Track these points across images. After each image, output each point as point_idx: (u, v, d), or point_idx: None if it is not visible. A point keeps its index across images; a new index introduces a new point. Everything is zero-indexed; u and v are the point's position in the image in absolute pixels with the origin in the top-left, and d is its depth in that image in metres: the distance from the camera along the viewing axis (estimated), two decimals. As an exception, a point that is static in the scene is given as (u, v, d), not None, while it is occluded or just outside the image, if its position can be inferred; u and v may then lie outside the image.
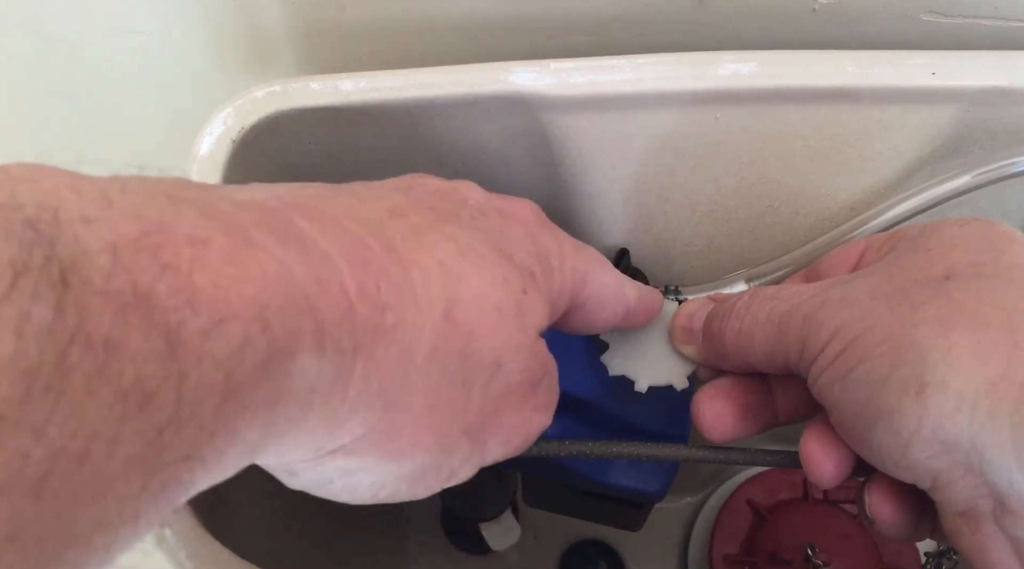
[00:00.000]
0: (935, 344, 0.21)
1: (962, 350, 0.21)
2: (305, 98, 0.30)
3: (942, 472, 0.21)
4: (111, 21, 0.39)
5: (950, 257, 0.23)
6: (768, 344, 0.25)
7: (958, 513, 0.22)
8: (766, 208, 0.35)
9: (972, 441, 0.20)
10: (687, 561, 0.61)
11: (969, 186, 0.32)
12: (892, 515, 0.24)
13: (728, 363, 0.27)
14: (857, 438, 0.23)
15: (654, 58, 0.30)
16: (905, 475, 0.22)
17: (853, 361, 0.22)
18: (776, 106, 0.31)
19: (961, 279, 0.22)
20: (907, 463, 0.22)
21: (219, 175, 0.29)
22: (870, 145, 0.33)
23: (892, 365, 0.21)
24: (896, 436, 0.21)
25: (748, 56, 0.30)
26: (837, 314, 0.23)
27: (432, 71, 0.30)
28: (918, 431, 0.21)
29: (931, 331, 0.21)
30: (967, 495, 0.21)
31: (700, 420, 0.27)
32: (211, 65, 0.40)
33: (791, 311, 0.24)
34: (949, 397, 0.20)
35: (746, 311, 0.26)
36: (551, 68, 0.30)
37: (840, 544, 0.53)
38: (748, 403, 0.27)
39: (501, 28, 0.36)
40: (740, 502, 0.58)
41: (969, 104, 0.31)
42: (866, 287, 0.24)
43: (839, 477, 0.25)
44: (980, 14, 0.34)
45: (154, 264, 0.14)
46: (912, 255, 0.24)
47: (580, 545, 0.62)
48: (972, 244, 0.23)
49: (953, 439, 0.20)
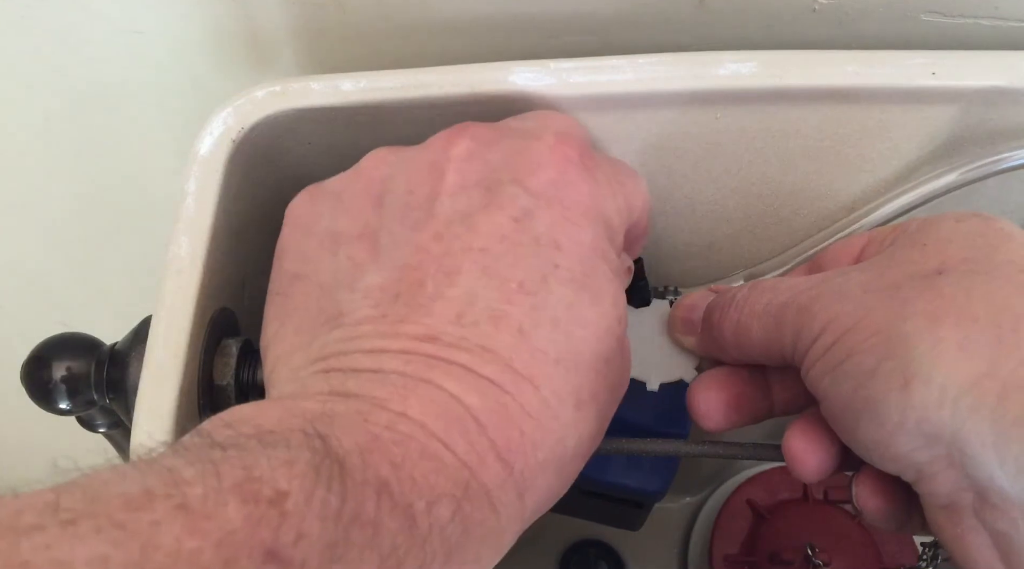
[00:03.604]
0: (922, 338, 0.21)
1: (948, 345, 0.21)
2: (305, 98, 0.30)
3: (925, 465, 0.21)
4: (111, 21, 0.39)
5: (944, 253, 0.23)
6: (765, 336, 0.25)
7: (940, 506, 0.22)
8: (766, 208, 0.35)
9: (954, 435, 0.20)
10: (687, 561, 0.61)
11: (964, 181, 0.32)
12: (880, 507, 0.25)
13: (727, 354, 0.27)
14: (846, 430, 0.23)
15: (654, 58, 0.30)
16: (890, 467, 0.22)
17: (843, 354, 0.22)
18: (776, 106, 0.31)
19: (953, 274, 0.22)
20: (891, 455, 0.22)
21: (219, 175, 0.29)
22: (870, 145, 0.33)
23: (880, 358, 0.22)
24: (881, 428, 0.21)
25: (748, 56, 0.30)
26: (830, 307, 0.23)
27: (432, 71, 0.30)
28: (902, 424, 0.21)
29: (919, 325, 0.21)
30: (949, 488, 0.21)
31: (694, 409, 0.28)
32: (211, 65, 0.40)
33: (787, 303, 0.25)
34: (932, 391, 0.21)
35: (744, 302, 0.26)
36: (551, 68, 0.30)
37: (840, 544, 0.53)
38: (742, 393, 0.27)
39: (501, 28, 0.36)
40: (740, 502, 0.58)
41: (969, 104, 0.31)
42: (860, 281, 0.24)
43: (821, 472, 0.25)
44: (980, 14, 0.34)
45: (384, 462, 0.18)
46: (907, 250, 0.24)
47: (580, 545, 0.62)
48: (967, 240, 0.23)
49: (936, 432, 0.21)
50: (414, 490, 0.18)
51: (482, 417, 0.20)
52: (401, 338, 0.21)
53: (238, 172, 0.30)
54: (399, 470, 0.18)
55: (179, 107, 0.43)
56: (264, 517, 0.15)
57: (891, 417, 0.21)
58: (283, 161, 0.32)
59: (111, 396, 0.29)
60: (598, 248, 0.24)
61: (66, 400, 0.30)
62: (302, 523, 0.15)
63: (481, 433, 0.20)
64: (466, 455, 0.20)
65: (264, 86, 0.30)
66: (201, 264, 0.28)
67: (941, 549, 0.42)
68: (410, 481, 0.18)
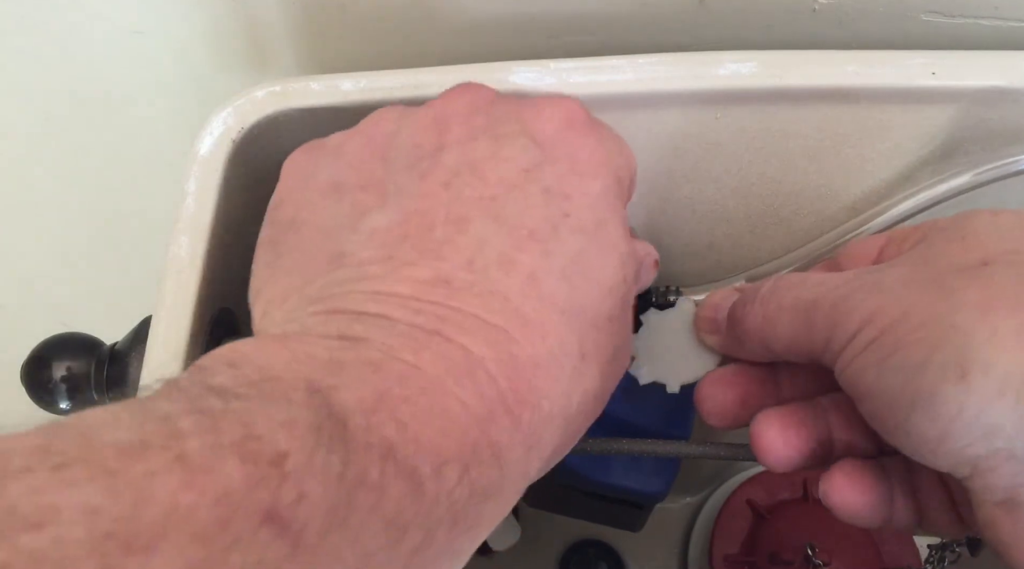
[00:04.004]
0: (976, 328, 0.20)
1: (1006, 333, 0.20)
2: (305, 98, 0.30)
3: (982, 459, 0.21)
4: (111, 21, 0.39)
5: (986, 245, 0.23)
6: (792, 331, 0.25)
7: (996, 502, 0.21)
8: (766, 208, 0.35)
9: (1017, 425, 0.20)
10: (687, 561, 0.61)
11: (969, 185, 0.32)
12: (864, 502, 0.24)
13: (749, 350, 0.27)
14: (891, 426, 0.22)
15: (654, 58, 0.30)
16: (941, 463, 0.22)
17: (890, 347, 0.22)
18: (776, 106, 0.31)
19: (999, 264, 0.22)
20: (945, 451, 0.21)
21: (219, 175, 0.29)
22: (870, 145, 0.33)
23: (931, 350, 0.21)
24: (935, 422, 0.21)
25: (748, 56, 0.30)
26: (868, 301, 0.23)
27: (432, 71, 0.30)
28: (959, 416, 0.20)
29: (971, 315, 0.21)
30: (1008, 482, 0.21)
31: (701, 407, 0.28)
32: (211, 65, 0.40)
33: (818, 299, 0.24)
34: (992, 381, 0.20)
35: (770, 297, 0.26)
36: (551, 68, 0.30)
37: (840, 544, 0.53)
38: (750, 391, 0.27)
39: (501, 28, 0.36)
40: (740, 502, 0.58)
41: (969, 104, 0.31)
42: (898, 275, 0.23)
43: (790, 462, 0.25)
44: (980, 14, 0.34)
45: (391, 421, 0.17)
46: (945, 244, 0.24)
47: (580, 545, 0.62)
48: (1007, 233, 0.23)
49: (996, 424, 0.20)
50: (420, 453, 0.17)
51: (492, 367, 0.20)
52: (410, 282, 0.21)
53: (238, 172, 0.30)
54: (405, 431, 0.17)
55: (179, 107, 0.43)
56: (264, 477, 0.14)
57: (947, 410, 0.20)
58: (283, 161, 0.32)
59: (111, 396, 0.30)
60: (608, 201, 0.24)
61: (66, 400, 0.30)
62: (303, 485, 0.14)
63: (491, 384, 0.20)
64: (477, 408, 0.19)
65: (264, 86, 0.30)
66: (201, 264, 0.28)
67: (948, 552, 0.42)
68: (415, 443, 0.17)
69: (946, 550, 0.42)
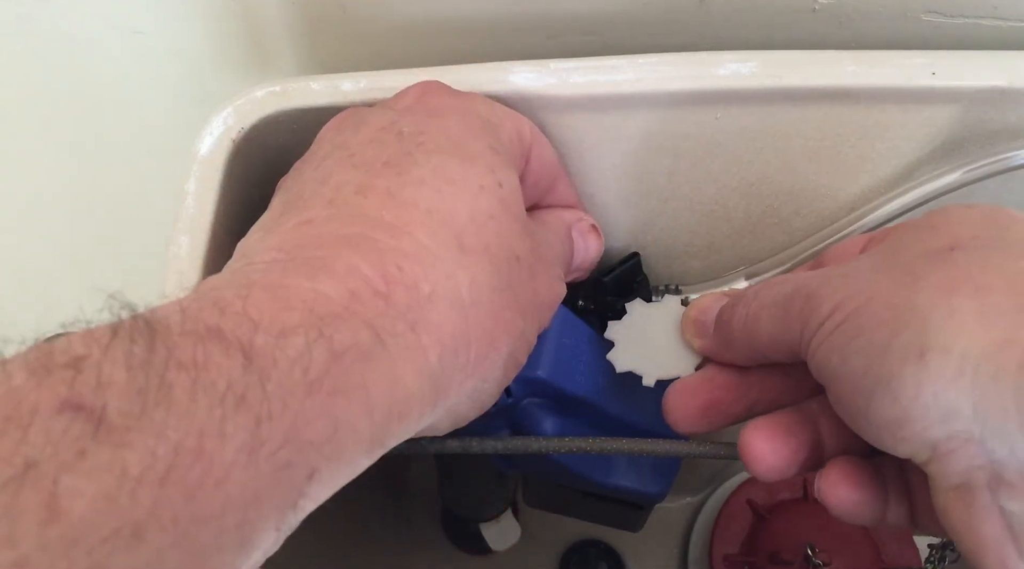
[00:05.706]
0: (936, 309, 0.21)
1: (965, 314, 0.20)
2: (305, 98, 0.30)
3: (941, 442, 0.20)
4: (111, 21, 0.39)
5: (955, 233, 0.23)
6: (772, 326, 0.25)
7: (951, 487, 0.21)
8: (766, 208, 0.35)
9: (974, 406, 0.20)
10: (687, 561, 0.61)
11: (965, 181, 0.32)
12: (857, 499, 0.24)
13: (734, 351, 0.27)
14: (856, 412, 0.22)
15: (654, 58, 0.30)
16: (902, 448, 0.22)
17: (853, 331, 0.22)
18: (776, 106, 0.31)
19: (965, 250, 0.22)
20: (905, 434, 0.21)
21: (219, 175, 0.29)
22: (870, 145, 0.33)
23: (893, 331, 0.21)
24: (895, 404, 0.21)
25: (748, 56, 0.30)
26: (839, 289, 0.23)
27: (432, 71, 0.30)
28: (917, 397, 0.20)
29: (933, 297, 0.21)
30: (964, 466, 0.20)
31: (667, 416, 0.28)
32: (211, 65, 0.40)
33: (793, 292, 0.24)
34: (951, 361, 0.20)
35: (755, 297, 0.26)
36: (551, 68, 0.30)
37: (840, 544, 0.53)
38: (716, 398, 0.28)
39: (501, 28, 0.36)
40: (740, 502, 0.58)
41: (969, 104, 0.31)
42: (868, 264, 0.24)
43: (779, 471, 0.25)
44: (980, 14, 0.34)
45: (215, 312, 0.18)
46: (916, 234, 0.24)
47: (580, 545, 0.62)
48: (977, 222, 0.23)
49: (954, 405, 0.20)
50: (253, 329, 0.18)
51: (355, 259, 0.21)
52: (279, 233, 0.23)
53: (238, 172, 0.30)
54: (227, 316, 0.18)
55: (179, 107, 0.43)
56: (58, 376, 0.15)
57: (906, 391, 0.20)
58: (283, 161, 0.32)
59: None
60: (471, 131, 0.26)
61: (66, 400, 0.30)
62: (101, 374, 0.16)
63: (351, 272, 0.21)
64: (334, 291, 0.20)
65: (264, 86, 0.30)
66: (201, 264, 0.28)
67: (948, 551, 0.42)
68: (249, 322, 0.18)
69: (946, 550, 0.42)
